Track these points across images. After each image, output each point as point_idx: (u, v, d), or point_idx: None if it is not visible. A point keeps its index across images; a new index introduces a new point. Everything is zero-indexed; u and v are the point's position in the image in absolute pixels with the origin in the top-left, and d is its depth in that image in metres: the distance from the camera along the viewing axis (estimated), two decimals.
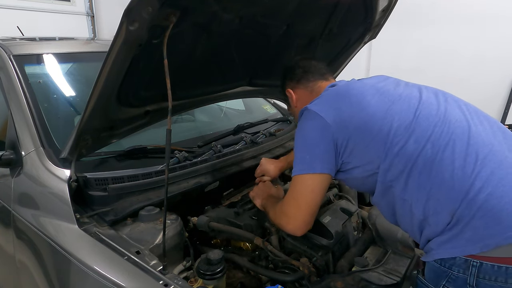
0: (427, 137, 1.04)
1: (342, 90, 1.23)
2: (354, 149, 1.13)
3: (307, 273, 1.21)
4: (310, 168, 1.16)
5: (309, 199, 1.17)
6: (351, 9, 1.71)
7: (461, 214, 0.97)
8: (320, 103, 1.21)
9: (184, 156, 1.61)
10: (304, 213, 1.18)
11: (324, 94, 1.27)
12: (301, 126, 1.23)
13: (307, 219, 1.19)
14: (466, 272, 0.98)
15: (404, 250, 1.38)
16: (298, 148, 1.22)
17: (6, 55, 1.71)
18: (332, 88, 1.29)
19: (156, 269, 1.05)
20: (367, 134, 1.10)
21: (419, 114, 1.09)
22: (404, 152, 1.05)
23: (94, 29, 5.90)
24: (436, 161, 1.01)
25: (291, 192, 1.21)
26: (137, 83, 1.26)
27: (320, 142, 1.15)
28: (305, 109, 1.23)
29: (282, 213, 1.24)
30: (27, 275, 1.35)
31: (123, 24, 0.95)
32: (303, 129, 1.22)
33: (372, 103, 1.13)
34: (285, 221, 1.23)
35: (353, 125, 1.12)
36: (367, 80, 1.28)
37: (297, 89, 1.43)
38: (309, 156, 1.16)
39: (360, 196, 1.89)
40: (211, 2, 1.15)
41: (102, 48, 2.07)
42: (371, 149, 1.10)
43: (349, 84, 1.27)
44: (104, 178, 1.35)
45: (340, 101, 1.18)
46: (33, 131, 1.45)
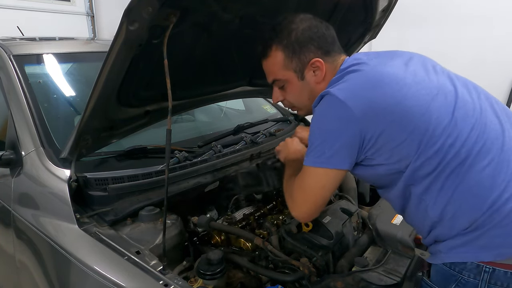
0: (463, 141, 0.96)
1: (373, 76, 1.04)
2: (384, 147, 1.00)
3: (307, 273, 1.21)
4: (327, 163, 1.03)
5: (318, 194, 1.09)
6: (351, 9, 1.71)
7: (482, 222, 0.93)
8: (347, 89, 1.02)
9: (184, 156, 1.60)
10: (310, 207, 1.11)
11: (350, 78, 1.05)
12: (323, 113, 1.06)
13: (311, 212, 1.14)
14: (478, 277, 0.95)
15: (404, 250, 1.37)
16: (315, 137, 1.06)
17: (6, 55, 1.71)
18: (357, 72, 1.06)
19: (156, 269, 1.05)
20: (402, 132, 0.98)
21: (457, 114, 0.98)
22: (438, 155, 0.96)
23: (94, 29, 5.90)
24: (466, 166, 0.95)
25: (301, 181, 1.11)
26: (137, 83, 1.26)
27: (343, 136, 1.01)
28: (327, 93, 1.03)
29: (291, 195, 1.17)
30: (27, 275, 1.35)
31: (123, 24, 0.95)
32: (324, 116, 1.05)
33: (409, 96, 0.98)
34: (290, 204, 1.17)
35: (388, 121, 0.98)
36: (395, 62, 1.09)
37: (325, 62, 1.14)
38: (327, 149, 1.03)
39: (360, 196, 1.89)
40: (211, 2, 1.15)
41: (102, 48, 2.07)
42: (404, 148, 0.99)
43: (377, 68, 1.06)
44: (104, 178, 1.35)
45: (372, 90, 1.00)
46: (33, 131, 1.45)
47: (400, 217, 1.55)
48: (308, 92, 1.17)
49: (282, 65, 1.16)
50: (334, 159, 1.03)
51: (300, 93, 1.20)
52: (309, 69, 1.14)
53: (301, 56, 1.13)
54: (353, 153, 1.03)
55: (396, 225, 1.50)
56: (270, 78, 1.23)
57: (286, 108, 2.58)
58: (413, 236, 1.45)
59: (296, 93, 1.20)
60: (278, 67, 1.17)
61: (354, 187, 1.83)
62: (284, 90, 1.22)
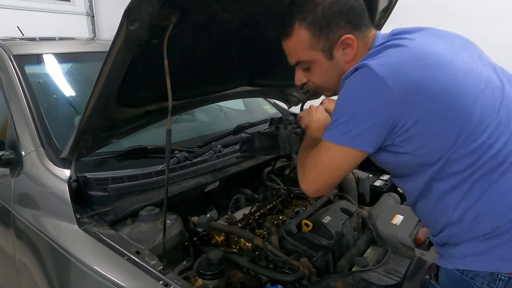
0: (503, 144, 0.88)
1: (420, 55, 0.91)
2: (416, 136, 0.90)
3: (307, 273, 1.21)
4: (350, 142, 0.93)
5: (333, 173, 1.00)
6: None
7: (505, 230, 0.88)
8: (389, 65, 0.89)
9: (184, 156, 1.60)
10: (321, 185, 1.04)
11: (391, 54, 0.93)
12: (356, 87, 0.93)
13: (321, 190, 1.07)
14: (491, 285, 0.90)
15: (404, 250, 1.37)
16: (343, 111, 0.94)
17: (6, 55, 1.71)
18: (400, 48, 0.93)
19: (156, 269, 1.05)
20: (441, 122, 0.88)
21: (502, 113, 0.90)
22: (475, 153, 0.88)
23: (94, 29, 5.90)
24: (500, 171, 0.88)
25: (317, 155, 1.01)
26: (137, 83, 1.26)
27: (375, 117, 0.90)
28: (364, 66, 0.91)
29: (303, 167, 1.08)
30: (27, 275, 1.35)
31: (123, 24, 0.95)
32: (357, 92, 0.93)
33: (456, 84, 0.88)
34: (301, 177, 1.08)
35: (429, 108, 0.88)
36: (440, 42, 0.97)
37: (356, 39, 1.02)
38: (354, 127, 0.92)
39: (360, 196, 1.89)
40: (211, 2, 1.15)
41: (102, 48, 2.07)
42: (439, 141, 0.89)
43: (424, 45, 0.94)
44: (104, 178, 1.35)
45: (418, 71, 0.88)
46: (33, 131, 1.45)
47: (400, 217, 1.55)
48: (337, 72, 1.04)
49: (308, 45, 1.03)
50: (360, 139, 0.93)
51: (327, 74, 1.08)
52: (338, 47, 1.02)
53: (329, 33, 1.00)
54: (380, 137, 0.93)
55: (396, 225, 1.50)
56: (293, 59, 1.11)
57: (286, 108, 2.60)
58: (413, 236, 1.45)
59: (323, 74, 1.08)
60: (303, 47, 1.04)
61: (354, 187, 1.83)
62: (309, 72, 1.10)
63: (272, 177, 1.94)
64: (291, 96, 2.39)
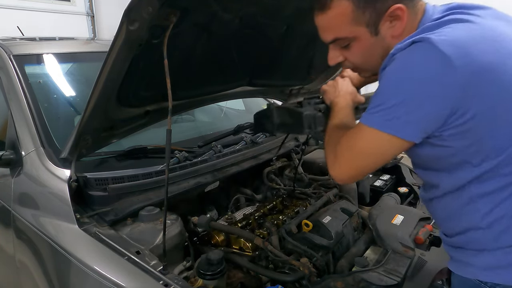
0: None
1: (493, 35, 0.78)
2: (471, 131, 0.79)
3: (307, 273, 1.20)
4: (397, 130, 0.81)
5: (371, 162, 0.89)
6: None
7: None
8: (457, 42, 0.75)
9: (184, 156, 1.60)
10: (354, 173, 0.92)
11: (457, 29, 0.78)
12: (411, 63, 0.78)
13: (354, 178, 0.96)
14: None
15: (405, 250, 1.37)
16: (392, 93, 0.81)
17: (6, 55, 1.71)
18: (468, 23, 0.80)
19: (156, 269, 1.05)
20: (504, 119, 0.77)
21: None
22: None
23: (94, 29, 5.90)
24: None
25: (353, 140, 0.89)
26: (137, 83, 1.26)
27: (431, 102, 0.77)
28: (425, 40, 0.76)
29: (333, 151, 0.94)
30: (27, 275, 1.35)
31: (123, 24, 0.95)
32: (413, 71, 0.78)
33: None
34: (330, 162, 0.95)
35: (497, 101, 0.76)
36: (502, 23, 0.85)
37: (407, 9, 0.87)
38: (404, 114, 0.79)
39: (360, 196, 1.89)
40: (211, 2, 1.15)
41: (102, 48, 2.07)
42: (494, 140, 0.79)
43: (494, 25, 0.82)
44: (104, 178, 1.35)
45: (493, 54, 0.75)
46: (33, 131, 1.45)
47: (400, 217, 1.55)
48: (381, 49, 0.90)
49: (350, 19, 0.88)
50: (409, 128, 0.80)
51: (369, 52, 0.93)
52: (385, 20, 0.87)
53: (377, 4, 0.85)
54: (432, 127, 0.80)
55: (396, 225, 1.50)
56: (329, 36, 0.94)
57: None
58: (413, 236, 1.45)
59: (364, 52, 0.93)
60: (344, 22, 0.89)
61: (354, 187, 1.82)
62: (348, 50, 0.95)
63: (272, 177, 1.94)
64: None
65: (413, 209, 1.67)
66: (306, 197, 1.77)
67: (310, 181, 1.90)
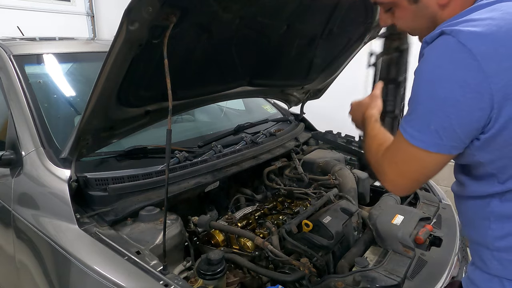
0: None
1: None
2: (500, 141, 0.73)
3: (307, 273, 1.21)
4: (432, 145, 0.75)
5: (419, 174, 0.83)
6: (351, 9, 1.71)
7: None
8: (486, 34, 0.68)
9: (184, 156, 1.60)
10: (407, 183, 0.86)
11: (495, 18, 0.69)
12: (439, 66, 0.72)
13: (410, 188, 0.88)
14: None
15: (405, 250, 1.37)
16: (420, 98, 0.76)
17: (6, 55, 1.71)
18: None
19: (156, 269, 1.05)
20: None
21: None
22: None
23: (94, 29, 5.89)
24: None
25: (395, 154, 0.84)
26: (137, 83, 1.26)
27: (464, 108, 0.70)
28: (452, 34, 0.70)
29: (378, 163, 0.91)
30: (27, 275, 1.35)
31: (123, 24, 0.95)
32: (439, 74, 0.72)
33: None
34: (382, 178, 0.90)
35: None
36: None
37: None
38: (435, 126, 0.73)
39: (360, 196, 1.89)
40: (211, 2, 1.15)
41: (102, 48, 2.07)
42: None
43: None
44: (104, 178, 1.35)
45: None
46: (33, 131, 1.45)
47: (400, 217, 1.55)
48: (426, 19, 0.84)
49: None
50: (444, 141, 0.74)
51: (414, 20, 0.87)
52: None
53: None
54: (467, 135, 0.74)
55: (396, 225, 1.50)
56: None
57: (286, 108, 2.59)
58: (413, 236, 1.45)
59: (407, 19, 0.88)
60: None
61: (354, 187, 1.82)
62: (393, 15, 0.90)
63: (272, 177, 1.94)
64: (291, 96, 2.39)
65: (413, 209, 1.67)
66: (306, 197, 1.77)
67: (310, 181, 1.90)
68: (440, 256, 1.42)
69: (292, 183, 1.94)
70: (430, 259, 1.37)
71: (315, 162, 1.99)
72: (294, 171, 1.98)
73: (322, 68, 2.15)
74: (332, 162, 1.95)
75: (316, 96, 2.47)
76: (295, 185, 1.91)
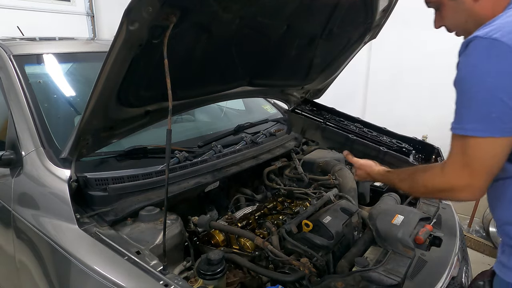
0: None
1: None
2: None
3: (307, 273, 1.21)
4: (497, 131, 0.82)
5: (491, 165, 0.86)
6: (351, 9, 1.71)
7: None
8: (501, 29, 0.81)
9: (184, 156, 1.60)
10: (484, 180, 0.88)
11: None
12: (479, 63, 0.83)
13: (487, 183, 0.89)
14: None
15: (405, 250, 1.37)
16: (474, 96, 0.84)
17: (6, 55, 1.71)
18: None
19: (156, 269, 1.05)
20: None
21: None
22: None
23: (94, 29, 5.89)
24: None
25: (458, 157, 0.89)
26: (137, 83, 1.26)
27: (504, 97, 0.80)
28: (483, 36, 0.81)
29: (445, 189, 0.95)
30: (27, 275, 1.35)
31: (123, 24, 0.95)
32: (482, 69, 0.82)
33: None
34: (453, 194, 0.94)
35: None
36: None
37: None
38: (496, 113, 0.81)
39: (360, 196, 1.89)
40: (211, 2, 1.15)
41: (102, 48, 2.07)
42: None
43: None
44: (104, 178, 1.35)
45: None
46: (33, 131, 1.45)
47: (400, 217, 1.55)
48: (464, 13, 0.97)
49: None
50: (502, 123, 0.82)
51: (455, 16, 1.00)
52: None
53: None
54: None
55: (396, 225, 1.50)
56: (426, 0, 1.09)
57: (286, 108, 2.60)
58: (413, 236, 1.45)
59: (450, 16, 1.02)
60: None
61: (354, 187, 1.82)
62: (441, 14, 1.05)
63: (272, 177, 1.94)
64: (291, 96, 2.39)
65: (413, 209, 1.67)
66: (306, 197, 1.77)
67: (310, 181, 1.90)
68: (440, 256, 1.42)
69: (292, 183, 1.94)
70: (430, 259, 1.37)
71: (315, 162, 1.99)
72: (294, 171, 1.98)
73: (322, 68, 2.15)
74: (332, 162, 1.96)
75: (316, 96, 2.47)
76: (295, 185, 1.91)
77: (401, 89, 3.64)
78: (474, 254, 3.13)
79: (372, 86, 3.87)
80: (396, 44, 3.54)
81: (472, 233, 3.36)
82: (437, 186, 0.97)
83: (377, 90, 3.83)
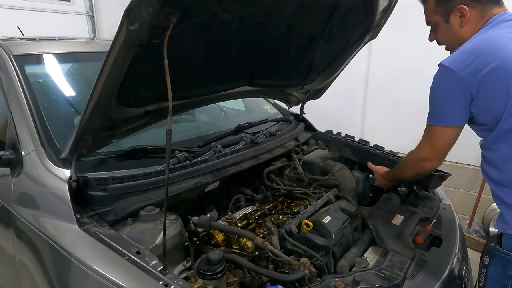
0: None
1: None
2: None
3: (307, 273, 1.20)
4: (449, 121, 1.28)
5: (445, 145, 1.33)
6: (351, 9, 1.71)
7: None
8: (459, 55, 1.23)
9: (184, 156, 1.60)
10: (441, 154, 1.36)
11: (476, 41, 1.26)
12: (437, 82, 1.30)
13: (443, 156, 1.37)
14: None
15: (405, 250, 1.37)
16: (435, 103, 1.32)
17: (6, 55, 1.71)
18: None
19: (156, 269, 1.05)
20: None
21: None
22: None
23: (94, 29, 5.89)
24: None
25: (426, 139, 1.36)
26: (137, 83, 1.26)
27: (455, 99, 1.25)
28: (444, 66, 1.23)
29: (417, 160, 1.42)
30: (27, 275, 1.35)
31: (123, 24, 0.95)
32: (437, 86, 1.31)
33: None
34: (423, 163, 1.41)
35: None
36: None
37: (471, 9, 1.28)
38: (447, 112, 1.28)
39: (360, 196, 1.88)
40: (211, 2, 1.15)
41: (102, 48, 2.07)
42: None
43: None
44: (104, 178, 1.35)
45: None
46: (33, 131, 1.45)
47: (400, 217, 1.55)
48: (454, 35, 1.35)
49: (432, 10, 1.37)
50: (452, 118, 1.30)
51: (447, 35, 1.38)
52: (455, 14, 1.31)
53: (448, 2, 1.32)
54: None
55: (396, 225, 1.50)
56: (426, 19, 1.44)
57: (286, 108, 2.60)
58: (413, 236, 1.45)
59: (444, 35, 1.39)
60: (430, 11, 1.39)
61: (354, 187, 1.82)
62: (435, 32, 1.42)
63: (272, 177, 1.94)
64: (291, 96, 2.39)
65: (413, 209, 1.67)
66: (306, 197, 1.77)
67: (310, 181, 1.90)
68: (440, 256, 1.43)
69: (292, 183, 1.94)
70: (430, 259, 1.37)
71: (315, 162, 1.99)
72: (294, 171, 1.98)
73: (322, 68, 2.15)
74: (332, 162, 1.96)
75: (316, 96, 2.47)
76: (295, 185, 1.91)
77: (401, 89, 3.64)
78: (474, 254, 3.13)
79: (372, 86, 3.87)
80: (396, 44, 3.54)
81: (472, 233, 3.36)
82: (414, 158, 1.45)
83: (377, 90, 3.83)
